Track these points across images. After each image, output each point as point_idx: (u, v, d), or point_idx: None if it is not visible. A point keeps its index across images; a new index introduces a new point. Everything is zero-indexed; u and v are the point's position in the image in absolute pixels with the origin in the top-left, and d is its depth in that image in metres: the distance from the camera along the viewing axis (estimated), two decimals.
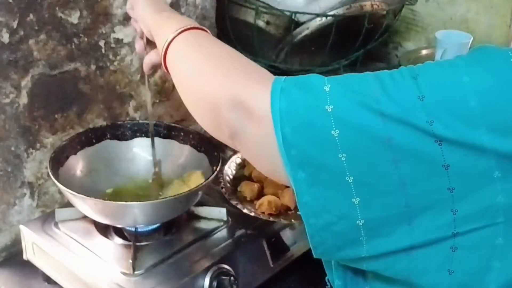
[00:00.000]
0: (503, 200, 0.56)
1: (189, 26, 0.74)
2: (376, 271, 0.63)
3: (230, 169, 1.09)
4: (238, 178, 1.08)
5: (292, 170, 0.59)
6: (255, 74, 0.66)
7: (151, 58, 0.87)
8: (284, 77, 0.62)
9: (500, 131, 0.54)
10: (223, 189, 1.01)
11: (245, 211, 0.97)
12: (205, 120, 0.70)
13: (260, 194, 1.04)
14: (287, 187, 1.00)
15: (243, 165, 1.11)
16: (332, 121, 0.57)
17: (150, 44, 0.87)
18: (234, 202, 0.99)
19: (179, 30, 0.74)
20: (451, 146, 0.55)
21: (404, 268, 0.60)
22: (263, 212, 0.98)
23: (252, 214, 0.97)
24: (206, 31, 0.77)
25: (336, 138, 0.57)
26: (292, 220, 0.98)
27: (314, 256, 0.65)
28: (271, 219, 0.97)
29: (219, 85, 0.66)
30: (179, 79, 0.73)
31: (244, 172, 1.10)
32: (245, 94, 0.62)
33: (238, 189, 1.05)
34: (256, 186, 1.04)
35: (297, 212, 0.98)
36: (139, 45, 0.90)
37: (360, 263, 0.63)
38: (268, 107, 0.59)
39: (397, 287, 0.64)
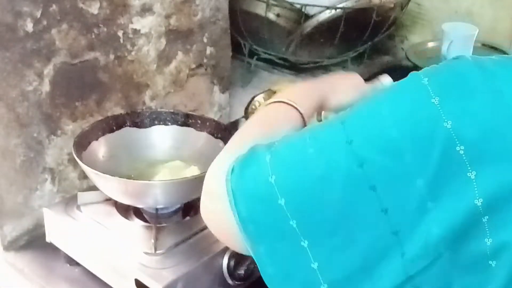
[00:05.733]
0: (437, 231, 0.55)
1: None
2: None
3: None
4: None
5: (252, 244, 0.60)
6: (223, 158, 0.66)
7: None
8: (237, 156, 0.64)
9: (423, 155, 0.54)
10: None
11: None
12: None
13: None
14: None
15: None
16: (276, 190, 0.58)
17: None
18: None
19: None
20: (386, 189, 0.55)
21: None
22: None
23: None
24: None
25: (284, 206, 0.58)
26: None
27: None
28: None
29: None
30: None
31: None
32: (210, 181, 0.65)
33: None
34: None
35: None
36: None
37: None
38: (224, 188, 0.61)
39: None
